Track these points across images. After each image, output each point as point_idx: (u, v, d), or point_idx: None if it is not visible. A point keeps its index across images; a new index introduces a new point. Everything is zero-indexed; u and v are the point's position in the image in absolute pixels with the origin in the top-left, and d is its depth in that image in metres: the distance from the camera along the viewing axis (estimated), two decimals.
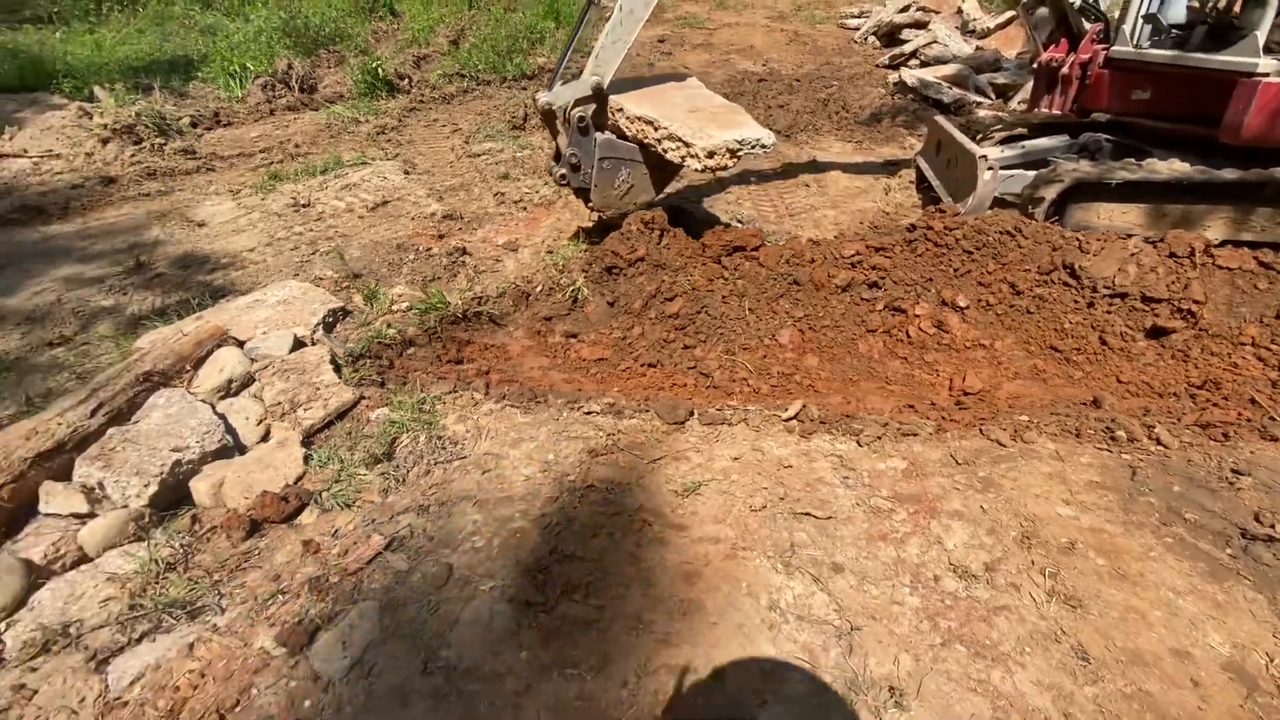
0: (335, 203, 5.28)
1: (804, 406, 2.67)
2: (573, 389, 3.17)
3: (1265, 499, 2.10)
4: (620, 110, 3.78)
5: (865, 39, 11.25)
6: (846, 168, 5.82)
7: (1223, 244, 3.60)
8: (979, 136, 5.10)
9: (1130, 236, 3.52)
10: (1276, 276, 3.21)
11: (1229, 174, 3.60)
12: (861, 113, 7.72)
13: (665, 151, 3.59)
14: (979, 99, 7.87)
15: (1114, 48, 4.31)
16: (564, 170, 3.82)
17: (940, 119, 5.20)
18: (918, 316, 3.41)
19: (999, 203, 4.20)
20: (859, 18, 12.38)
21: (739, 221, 4.79)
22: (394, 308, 3.75)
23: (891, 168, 5.75)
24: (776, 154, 6.23)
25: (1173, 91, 4.00)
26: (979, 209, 3.99)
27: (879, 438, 2.49)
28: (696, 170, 3.56)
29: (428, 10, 11.26)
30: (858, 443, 2.49)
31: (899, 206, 5.06)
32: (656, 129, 3.59)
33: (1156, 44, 4.10)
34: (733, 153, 3.44)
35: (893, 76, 8.51)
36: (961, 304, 3.42)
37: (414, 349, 3.45)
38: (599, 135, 3.76)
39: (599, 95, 3.72)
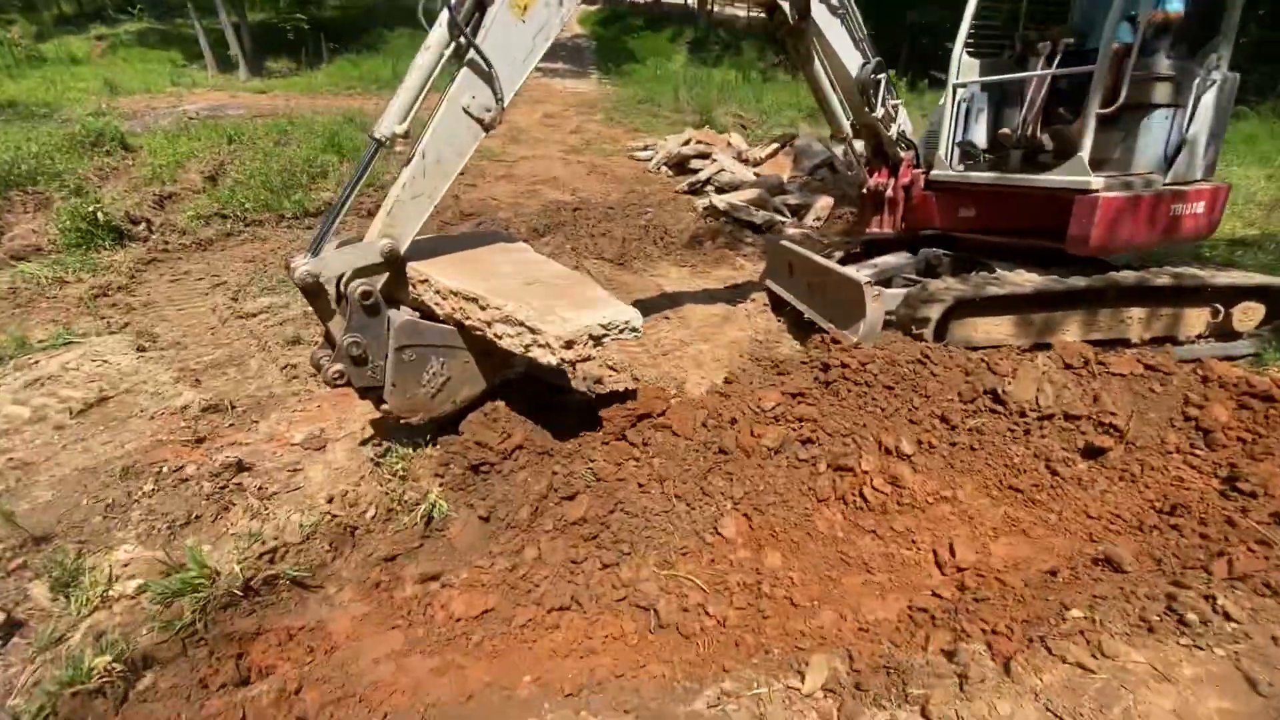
0: (13, 410, 3.49)
1: (830, 670, 1.83)
2: (454, 693, 1.99)
3: None
4: (426, 281, 2.84)
5: (659, 169, 11.93)
6: (697, 296, 5.52)
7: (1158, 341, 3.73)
8: (825, 254, 5.11)
9: (1031, 353, 3.43)
10: (1165, 378, 3.26)
11: (1079, 281, 3.78)
12: (682, 236, 7.76)
13: (499, 338, 2.66)
14: (782, 219, 8.44)
15: (934, 172, 4.58)
16: (340, 365, 2.67)
17: (785, 243, 5.16)
18: (866, 473, 2.86)
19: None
20: (645, 150, 13.27)
21: (612, 369, 4.05)
22: (113, 595, 2.25)
23: (739, 293, 5.57)
24: (621, 285, 5.77)
25: (999, 208, 4.28)
26: (872, 335, 3.75)
27: (945, 703, 1.73)
28: (548, 363, 2.57)
29: (174, 144, 9.50)
30: (924, 714, 1.70)
31: (767, 333, 4.78)
32: (485, 308, 2.66)
33: (972, 167, 4.41)
34: (597, 340, 2.58)
35: (701, 202, 8.86)
36: (906, 450, 2.96)
37: (152, 677, 2.00)
38: (394, 315, 2.77)
39: (393, 262, 2.76)
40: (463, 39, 2.62)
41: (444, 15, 2.61)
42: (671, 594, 2.38)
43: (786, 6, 3.83)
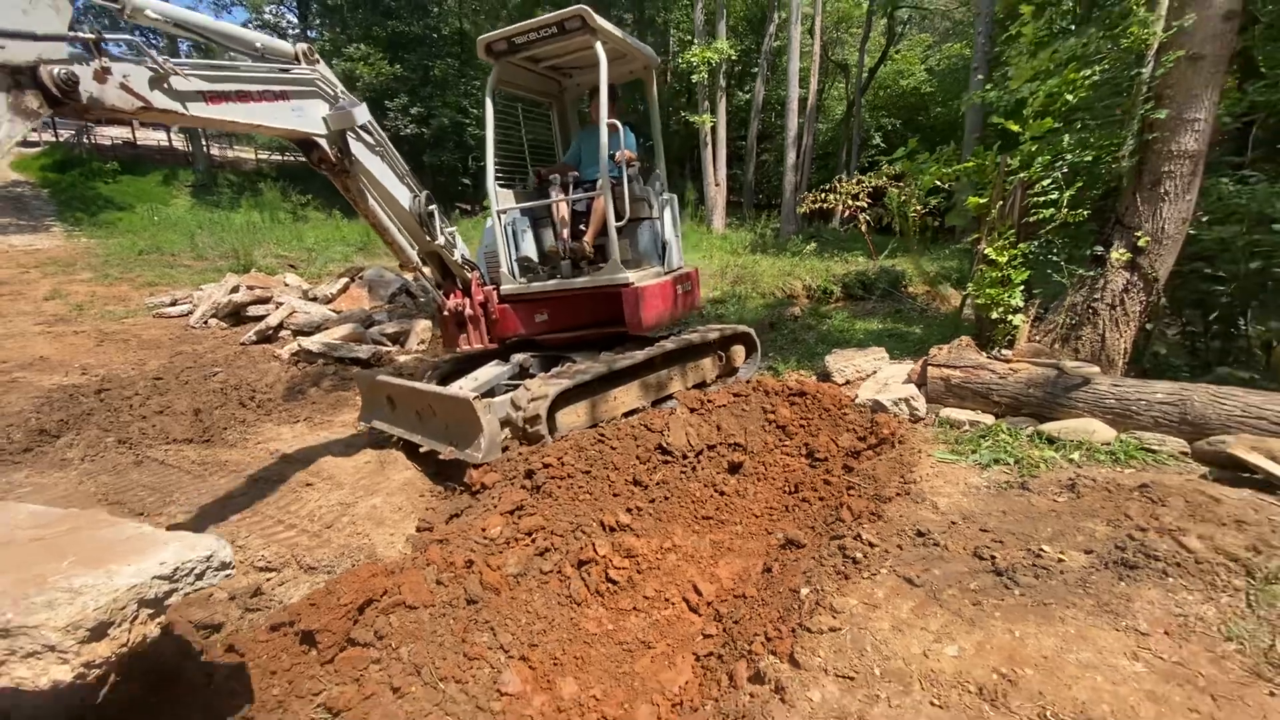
0: None
1: None
2: None
3: (958, 541, 2.70)
4: None
5: (205, 322, 10.04)
6: (332, 449, 4.79)
7: (694, 388, 4.73)
8: (424, 379, 5.01)
9: (672, 409, 4.14)
10: (746, 399, 4.39)
11: (641, 355, 4.66)
12: (276, 389, 6.69)
13: None
14: (386, 348, 8.12)
15: (504, 287, 4.98)
16: None
17: (382, 377, 4.83)
18: (605, 557, 2.98)
19: None
20: (175, 305, 11.01)
21: (268, 570, 3.15)
22: None
23: (381, 432, 5.08)
24: (225, 465, 4.57)
25: (566, 309, 5.03)
26: (494, 448, 3.84)
27: (780, 718, 1.93)
28: (52, 684, 1.42)
29: None
30: None
31: (439, 463, 4.47)
32: None
33: (534, 279, 5.04)
34: (157, 605, 1.64)
35: (287, 348, 7.80)
36: (624, 521, 3.20)
37: None
38: None
39: None
40: None
41: None
42: None
43: (325, 145, 3.61)
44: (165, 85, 2.65)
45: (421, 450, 4.42)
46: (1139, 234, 4.22)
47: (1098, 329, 4.37)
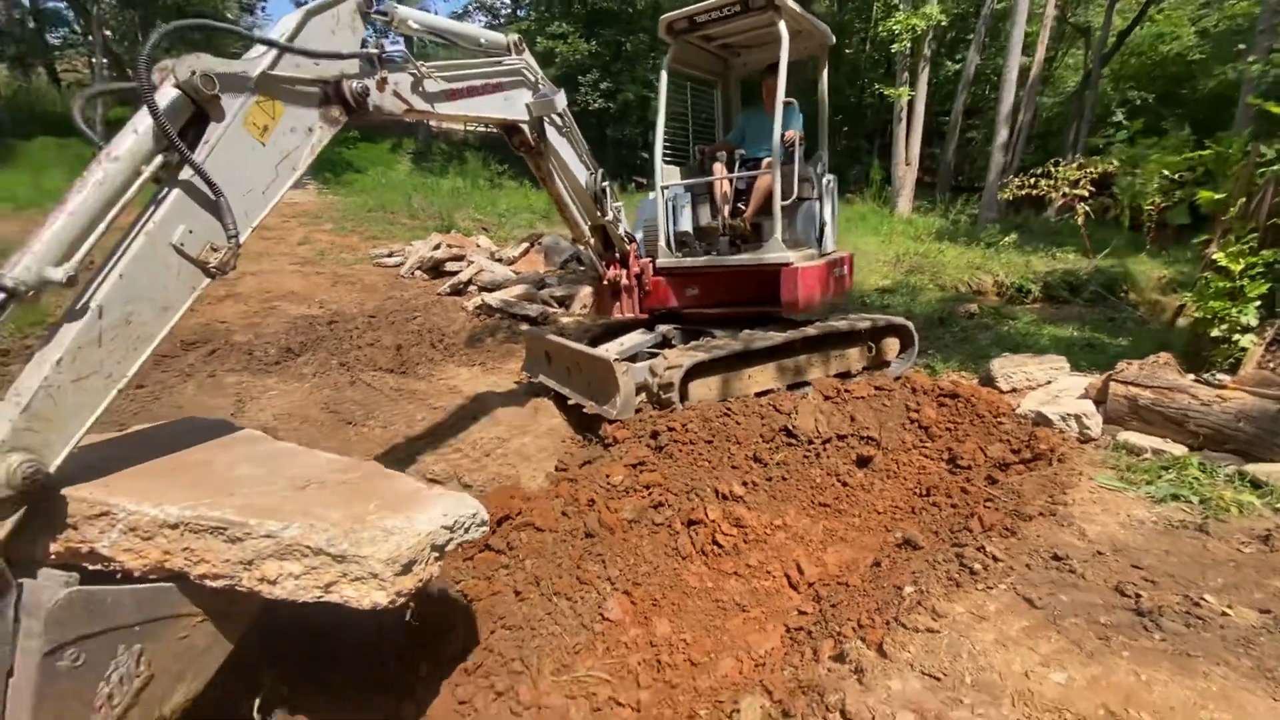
0: None
1: (760, 709, 1.95)
2: None
3: (1100, 572, 2.46)
4: (106, 515, 1.72)
5: (412, 274, 11.66)
6: (497, 391, 5.46)
7: (836, 377, 4.65)
8: (579, 340, 5.40)
9: (804, 394, 4.14)
10: (889, 394, 4.22)
11: (780, 337, 4.61)
12: (459, 336, 7.67)
13: (272, 583, 1.70)
14: (552, 309, 8.89)
15: (660, 260, 5.20)
16: None
17: (550, 336, 5.25)
18: (714, 521, 3.14)
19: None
20: (391, 256, 12.88)
21: (434, 481, 3.77)
22: None
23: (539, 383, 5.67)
24: (414, 393, 5.44)
25: (719, 285, 5.11)
26: (628, 406, 4.07)
27: (855, 699, 1.97)
28: (369, 605, 1.68)
29: None
30: (844, 716, 1.92)
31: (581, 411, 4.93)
32: (239, 540, 1.70)
33: (689, 253, 5.21)
34: (441, 550, 1.83)
35: (471, 301, 8.88)
36: (738, 492, 3.33)
37: None
38: (36, 588, 1.59)
39: (29, 493, 1.61)
40: (176, 154, 1.85)
41: (141, 121, 1.79)
42: (579, 698, 2.28)
43: (526, 129, 3.90)
44: (421, 88, 2.88)
45: (569, 402, 4.88)
46: None
47: None
